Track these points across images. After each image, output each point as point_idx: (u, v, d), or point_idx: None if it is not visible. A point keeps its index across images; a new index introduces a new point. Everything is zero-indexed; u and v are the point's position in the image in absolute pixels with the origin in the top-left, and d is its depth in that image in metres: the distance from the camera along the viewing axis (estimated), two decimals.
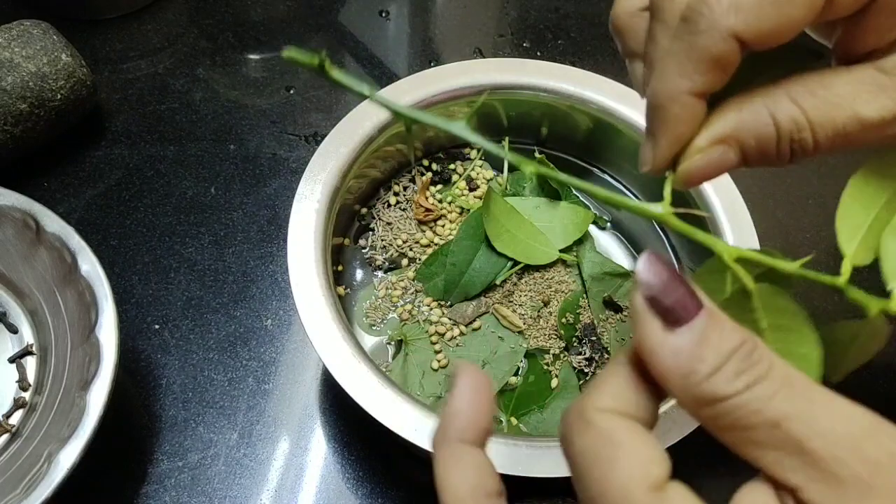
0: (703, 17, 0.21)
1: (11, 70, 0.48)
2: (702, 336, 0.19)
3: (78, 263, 0.41)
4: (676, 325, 0.19)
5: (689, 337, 0.19)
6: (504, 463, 0.35)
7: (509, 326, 0.44)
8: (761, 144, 0.23)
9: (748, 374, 0.18)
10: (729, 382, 0.18)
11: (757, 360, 0.19)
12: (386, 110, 0.22)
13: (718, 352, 0.19)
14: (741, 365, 0.18)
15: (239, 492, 0.43)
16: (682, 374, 0.19)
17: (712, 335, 0.19)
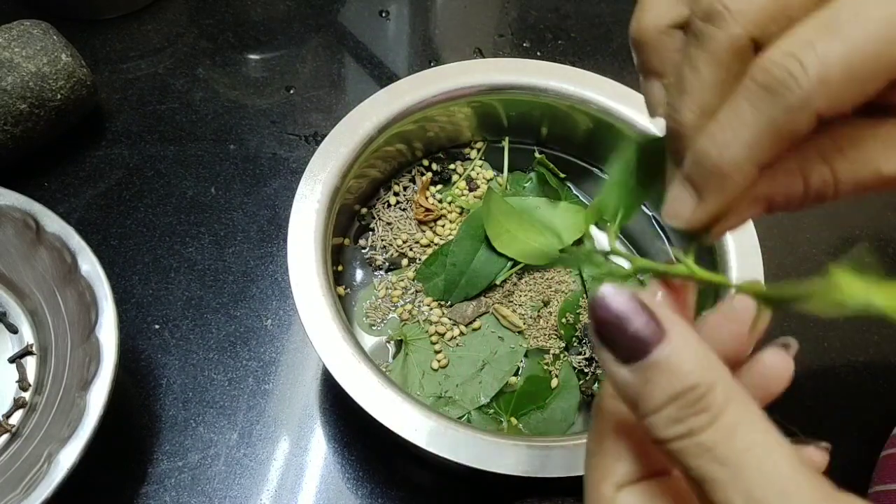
0: (792, 91, 0.19)
1: (11, 70, 0.48)
2: (646, 377, 0.19)
3: (78, 263, 0.41)
4: (625, 362, 0.19)
5: (635, 375, 0.19)
6: (504, 463, 0.35)
7: (509, 326, 0.44)
8: (789, 200, 0.22)
9: (687, 424, 0.18)
10: (666, 427, 0.18)
11: (703, 407, 0.18)
12: (387, 112, 0.22)
13: (662, 394, 0.18)
14: (682, 412, 0.18)
15: (239, 492, 0.43)
16: (631, 405, 0.19)
17: (658, 377, 0.18)
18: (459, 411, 0.42)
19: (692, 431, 0.18)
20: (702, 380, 0.18)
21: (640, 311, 0.19)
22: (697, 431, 0.18)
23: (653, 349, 0.18)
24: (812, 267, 0.54)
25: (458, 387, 0.43)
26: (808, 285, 0.19)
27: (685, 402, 0.18)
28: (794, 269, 0.54)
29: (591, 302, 0.19)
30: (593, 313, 0.19)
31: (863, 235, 0.56)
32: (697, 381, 0.18)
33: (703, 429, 0.18)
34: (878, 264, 0.19)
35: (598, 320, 0.19)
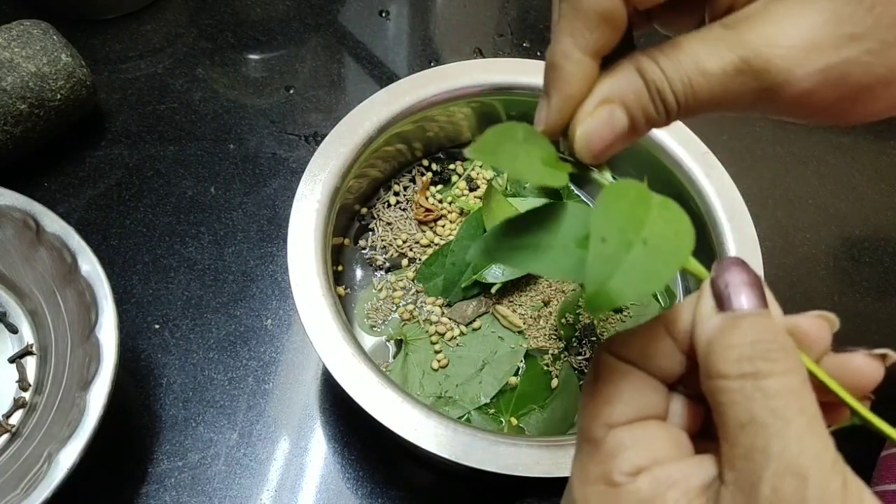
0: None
1: (11, 70, 0.48)
2: (735, 321, 0.20)
3: (78, 263, 0.41)
4: (722, 308, 0.21)
5: (726, 318, 0.20)
6: (504, 463, 0.35)
7: (509, 326, 0.44)
8: (640, 101, 0.24)
9: (755, 365, 0.19)
10: (735, 363, 0.19)
11: (776, 358, 0.19)
12: (387, 112, 0.22)
13: (744, 337, 0.20)
14: (756, 353, 0.19)
15: (239, 492, 0.43)
16: (706, 342, 0.20)
17: (746, 325, 0.20)
18: (459, 411, 0.42)
19: (758, 374, 0.19)
20: (785, 342, 0.20)
21: (759, 283, 0.21)
22: (763, 375, 0.19)
23: (753, 307, 0.20)
24: (812, 267, 0.54)
25: (458, 387, 0.43)
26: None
27: (763, 348, 0.19)
28: (794, 269, 0.54)
29: (720, 261, 0.21)
30: (718, 265, 0.21)
31: (863, 235, 0.56)
32: (780, 340, 0.20)
33: (770, 375, 0.19)
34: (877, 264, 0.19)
35: (728, 264, 0.21)
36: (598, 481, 0.21)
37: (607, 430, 0.22)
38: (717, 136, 0.60)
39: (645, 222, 0.20)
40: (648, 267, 0.20)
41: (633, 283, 0.19)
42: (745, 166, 0.59)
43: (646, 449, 0.21)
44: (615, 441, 0.21)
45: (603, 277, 0.19)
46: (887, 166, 0.60)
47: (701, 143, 0.45)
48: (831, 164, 0.60)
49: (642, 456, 0.21)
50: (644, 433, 0.21)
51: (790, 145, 0.60)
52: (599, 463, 0.21)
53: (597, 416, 0.22)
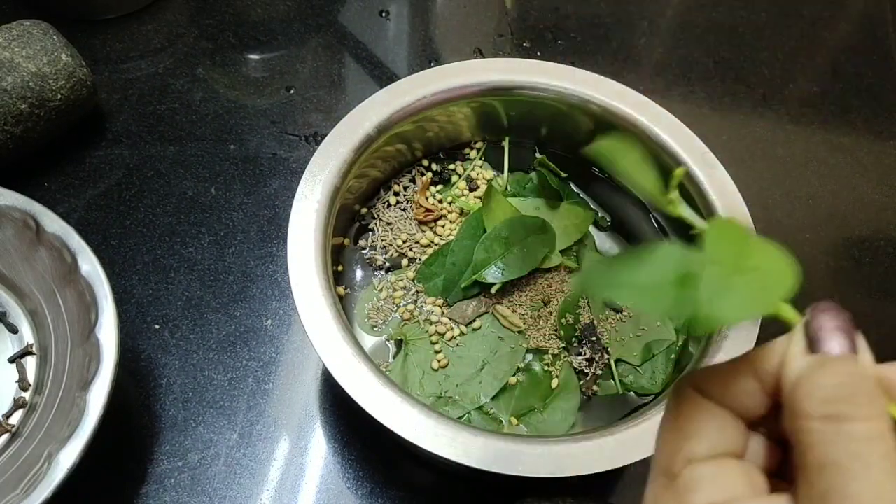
0: None
1: (11, 70, 0.48)
2: (823, 363, 0.21)
3: (78, 263, 0.41)
4: (812, 351, 0.21)
5: (814, 360, 0.21)
6: (504, 463, 0.35)
7: (509, 326, 0.44)
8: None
9: (833, 407, 0.19)
10: (812, 403, 0.20)
11: (859, 402, 0.19)
12: (387, 112, 0.22)
13: (831, 378, 0.20)
14: (835, 395, 0.20)
15: (239, 492, 0.43)
16: (792, 382, 0.21)
17: (836, 367, 0.20)
18: (459, 411, 0.42)
19: (841, 416, 0.19)
20: (870, 389, 0.20)
21: (851, 329, 0.21)
22: (846, 419, 0.19)
23: (843, 351, 0.21)
24: (812, 267, 0.54)
25: (458, 387, 0.43)
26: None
27: (848, 392, 0.20)
28: None
29: (825, 302, 0.22)
30: (822, 304, 0.22)
31: (863, 235, 0.56)
32: (866, 385, 0.20)
33: (853, 419, 0.19)
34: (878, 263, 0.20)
35: (823, 309, 0.22)
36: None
37: (686, 465, 0.22)
38: (717, 136, 0.60)
39: (753, 254, 0.22)
40: (756, 293, 0.21)
41: (740, 307, 0.20)
42: (745, 166, 0.59)
43: (722, 486, 0.21)
44: (693, 476, 0.22)
45: (715, 298, 0.20)
46: (888, 167, 0.60)
47: (701, 143, 0.45)
48: (831, 164, 0.60)
49: (718, 493, 0.21)
50: (721, 470, 0.22)
51: (790, 146, 0.60)
52: (675, 496, 0.22)
53: (678, 451, 0.22)
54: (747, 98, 0.63)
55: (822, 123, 0.62)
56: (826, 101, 0.63)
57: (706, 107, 0.62)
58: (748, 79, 0.64)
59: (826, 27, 0.68)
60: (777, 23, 0.68)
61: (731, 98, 0.63)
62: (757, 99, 0.63)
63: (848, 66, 0.66)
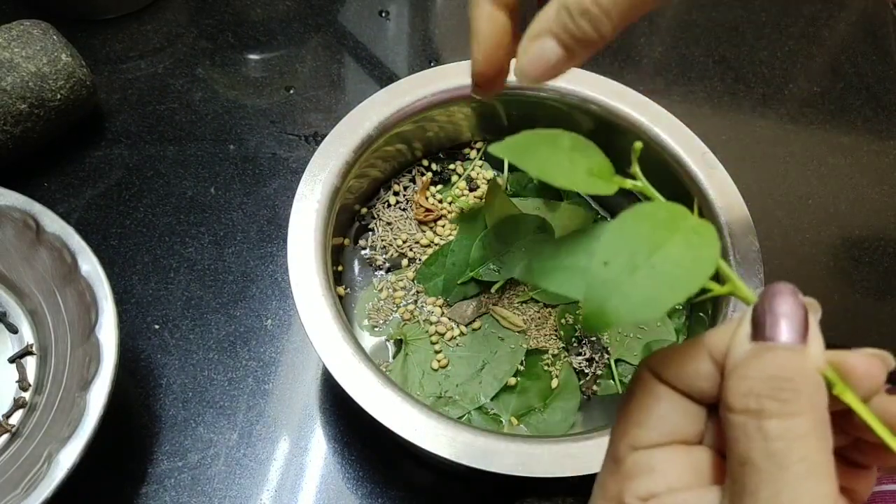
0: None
1: (11, 70, 0.48)
2: (760, 352, 0.20)
3: (78, 263, 0.41)
4: (754, 338, 0.20)
5: (754, 348, 0.20)
6: (504, 463, 0.35)
7: (509, 326, 0.44)
8: (566, 28, 0.26)
9: (755, 401, 0.19)
10: (742, 397, 0.19)
11: (784, 399, 0.19)
12: (387, 112, 0.22)
13: (761, 371, 0.19)
14: (764, 391, 0.19)
15: (239, 492, 0.43)
16: (728, 370, 0.20)
17: (767, 358, 0.20)
18: (459, 411, 0.42)
19: (762, 412, 0.19)
20: (801, 384, 0.19)
21: (803, 315, 0.20)
22: (767, 415, 0.19)
23: (788, 340, 0.20)
24: (812, 267, 0.54)
25: (458, 387, 0.43)
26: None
27: (775, 386, 0.19)
28: (794, 269, 0.54)
29: (778, 284, 0.21)
30: (776, 286, 0.21)
31: (863, 236, 0.56)
32: (796, 380, 0.19)
33: (774, 416, 0.19)
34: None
35: (774, 291, 0.20)
36: (612, 499, 0.22)
37: (630, 451, 0.22)
38: (717, 136, 0.60)
39: (662, 246, 0.20)
40: (650, 292, 0.20)
41: (629, 308, 0.19)
42: (745, 166, 0.59)
43: (663, 475, 0.21)
44: (635, 464, 0.21)
45: (599, 300, 0.19)
46: (888, 167, 0.60)
47: (701, 143, 0.45)
48: (831, 164, 0.60)
49: (658, 482, 0.21)
50: (665, 458, 0.21)
51: (790, 145, 0.60)
52: (617, 482, 0.22)
53: (623, 436, 0.22)
54: (747, 98, 0.63)
55: (822, 123, 0.62)
56: (826, 101, 0.63)
57: (706, 107, 0.62)
58: (748, 79, 0.64)
59: (826, 27, 0.68)
60: (777, 23, 0.68)
61: (731, 98, 0.63)
62: (757, 99, 0.63)
63: (848, 66, 0.66)
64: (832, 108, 0.63)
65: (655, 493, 0.21)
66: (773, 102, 0.63)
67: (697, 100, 0.62)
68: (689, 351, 0.22)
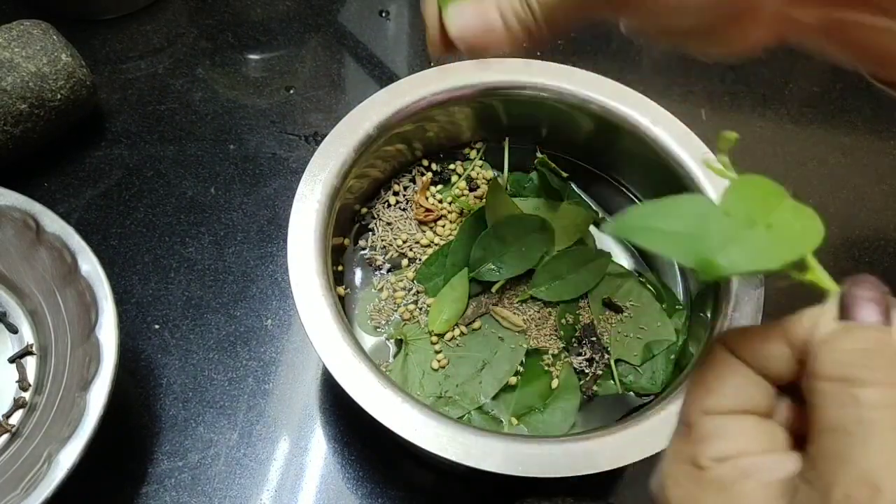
0: None
1: (11, 70, 0.48)
2: (850, 328, 0.21)
3: (78, 263, 0.41)
4: (843, 318, 0.21)
5: (842, 325, 0.21)
6: (504, 463, 0.35)
7: (509, 326, 0.44)
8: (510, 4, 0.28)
9: (848, 370, 0.20)
10: (828, 364, 0.20)
11: (877, 367, 0.19)
12: (387, 112, 0.22)
13: (855, 343, 0.20)
14: (859, 361, 0.20)
15: (239, 492, 0.43)
16: (817, 344, 0.21)
17: (860, 332, 0.20)
18: (459, 411, 0.42)
19: (856, 380, 0.19)
20: (891, 357, 0.20)
21: (887, 302, 0.21)
22: (861, 383, 0.19)
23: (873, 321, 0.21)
24: None
25: (458, 387, 0.43)
26: None
27: (868, 357, 0.20)
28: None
29: (864, 275, 0.22)
30: (861, 276, 0.22)
31: (863, 236, 0.56)
32: (888, 354, 0.20)
33: (867, 384, 0.19)
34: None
35: (861, 280, 0.22)
36: (686, 462, 0.22)
37: (703, 416, 0.22)
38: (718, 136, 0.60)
39: (774, 211, 0.22)
40: (766, 248, 0.21)
41: (745, 259, 0.20)
42: (745, 166, 0.58)
43: (735, 440, 0.22)
44: (707, 427, 0.22)
45: (717, 247, 0.20)
46: (887, 167, 0.60)
47: (701, 144, 0.45)
48: (831, 164, 0.60)
49: (730, 446, 0.21)
50: (737, 425, 0.22)
51: (790, 145, 0.60)
52: (690, 445, 0.22)
53: (695, 402, 0.23)
54: (747, 98, 0.63)
55: (822, 123, 0.62)
56: (826, 101, 0.63)
57: (706, 107, 0.62)
58: (748, 79, 0.64)
59: None
60: None
61: (731, 98, 0.63)
62: (757, 99, 0.63)
63: None
64: (832, 108, 0.63)
65: (731, 455, 0.21)
66: (773, 102, 0.63)
67: (697, 100, 0.62)
68: (768, 332, 0.23)
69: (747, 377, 0.22)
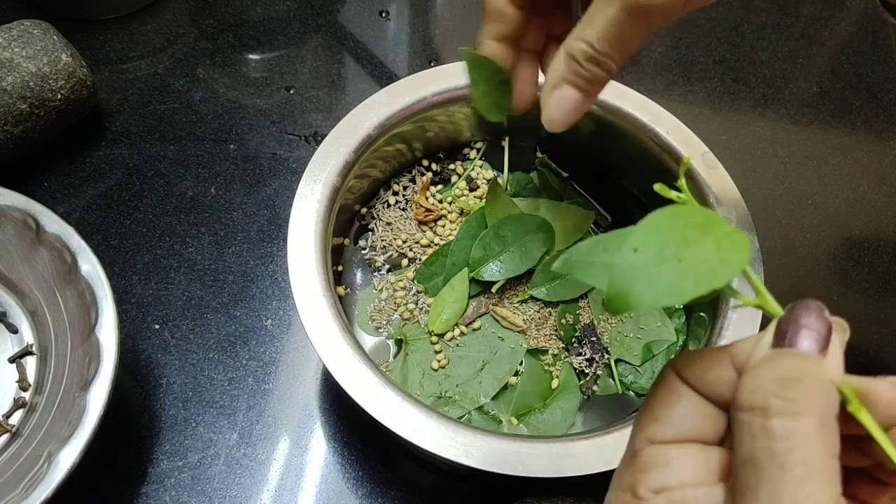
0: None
1: (11, 70, 0.48)
2: (776, 356, 0.20)
3: (78, 263, 0.41)
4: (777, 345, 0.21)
5: (771, 352, 0.21)
6: (504, 463, 0.35)
7: (510, 327, 0.44)
8: (579, 75, 0.31)
9: (762, 399, 0.19)
10: (748, 393, 0.20)
11: (788, 398, 0.19)
12: (387, 112, 0.22)
13: (773, 372, 0.20)
14: (769, 386, 0.19)
15: (239, 492, 0.43)
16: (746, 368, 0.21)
17: (782, 360, 0.20)
18: (459, 411, 0.42)
19: (768, 410, 0.19)
20: (809, 387, 0.19)
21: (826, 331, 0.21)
22: (773, 413, 0.19)
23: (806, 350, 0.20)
24: (812, 267, 0.54)
25: (458, 387, 0.43)
26: None
27: (782, 386, 0.19)
28: (794, 269, 0.54)
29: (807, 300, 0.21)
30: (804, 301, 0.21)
31: (863, 236, 0.56)
32: (805, 382, 0.19)
33: (779, 414, 0.19)
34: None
35: (801, 306, 0.21)
36: (627, 490, 0.22)
37: (647, 445, 0.22)
38: (717, 136, 0.60)
39: (692, 245, 0.21)
40: (674, 284, 0.20)
41: (652, 295, 0.20)
42: (745, 166, 0.59)
43: (675, 471, 0.21)
44: (650, 457, 0.22)
45: (625, 284, 0.21)
46: (888, 167, 0.60)
47: (701, 143, 0.45)
48: (832, 164, 0.60)
49: (670, 477, 0.21)
50: (680, 455, 0.22)
51: (790, 145, 0.60)
52: (632, 474, 0.22)
53: (642, 430, 0.23)
54: (747, 98, 0.63)
55: (822, 123, 0.62)
56: (826, 101, 0.63)
57: (706, 107, 0.62)
58: (748, 79, 0.64)
59: (826, 27, 0.68)
60: (777, 23, 0.68)
61: (731, 98, 0.63)
62: (757, 99, 0.63)
63: (848, 66, 0.66)
64: (832, 108, 0.63)
65: (667, 487, 0.21)
66: (773, 102, 0.63)
67: (697, 100, 0.62)
68: (714, 356, 0.22)
69: (693, 404, 0.22)
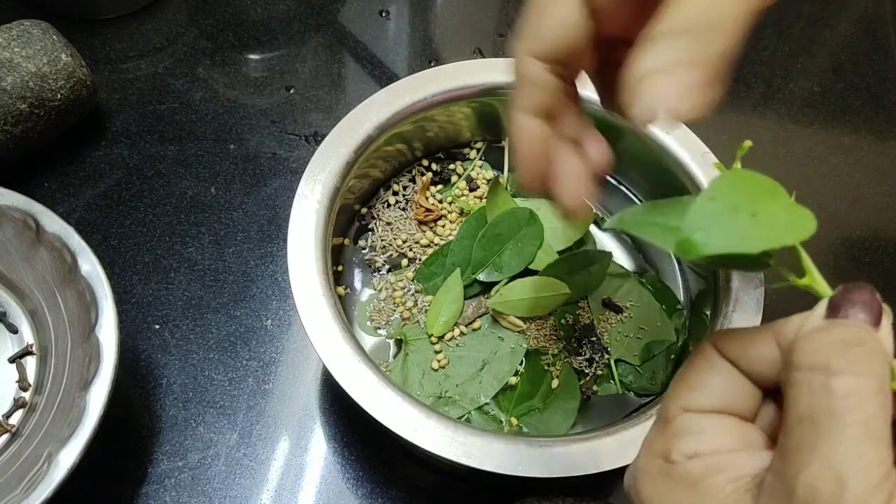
0: None
1: (11, 70, 0.48)
2: (833, 323, 0.20)
3: (78, 263, 0.41)
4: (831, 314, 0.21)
5: (827, 321, 0.21)
6: (504, 463, 0.35)
7: (509, 326, 0.44)
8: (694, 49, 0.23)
9: (824, 358, 0.19)
10: (805, 353, 0.20)
11: (849, 358, 0.19)
12: (387, 112, 0.22)
13: (836, 335, 0.20)
14: (830, 348, 0.19)
15: (239, 492, 0.43)
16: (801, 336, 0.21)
17: (842, 326, 0.20)
18: (459, 411, 0.42)
19: (829, 369, 0.19)
20: (870, 351, 0.19)
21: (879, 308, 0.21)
22: (834, 372, 0.19)
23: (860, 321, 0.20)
24: None
25: (458, 387, 0.43)
26: None
27: (844, 347, 0.19)
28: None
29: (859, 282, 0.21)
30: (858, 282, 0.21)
31: (863, 236, 0.56)
32: (866, 347, 0.19)
33: (840, 373, 0.19)
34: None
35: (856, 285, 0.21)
36: (658, 455, 0.22)
37: (680, 413, 0.22)
38: (717, 136, 0.60)
39: (763, 203, 0.21)
40: (745, 233, 0.20)
41: (722, 240, 0.20)
42: (745, 166, 0.58)
43: (710, 439, 0.22)
44: (684, 423, 0.22)
45: (697, 228, 0.20)
46: (888, 167, 0.60)
47: (701, 144, 0.45)
48: (832, 164, 0.60)
49: (704, 444, 0.21)
50: (714, 424, 0.22)
51: (791, 145, 0.60)
52: (665, 440, 0.22)
53: (676, 398, 0.23)
54: (747, 98, 0.63)
55: (822, 123, 0.62)
56: (826, 101, 0.63)
57: None
58: (748, 79, 0.64)
59: (826, 27, 0.68)
60: (777, 23, 0.68)
61: (731, 98, 0.63)
62: (757, 99, 0.63)
63: (848, 66, 0.66)
64: (832, 108, 0.63)
65: (701, 453, 0.21)
66: (773, 102, 0.63)
67: None
68: (757, 333, 0.23)
69: (732, 378, 0.22)
